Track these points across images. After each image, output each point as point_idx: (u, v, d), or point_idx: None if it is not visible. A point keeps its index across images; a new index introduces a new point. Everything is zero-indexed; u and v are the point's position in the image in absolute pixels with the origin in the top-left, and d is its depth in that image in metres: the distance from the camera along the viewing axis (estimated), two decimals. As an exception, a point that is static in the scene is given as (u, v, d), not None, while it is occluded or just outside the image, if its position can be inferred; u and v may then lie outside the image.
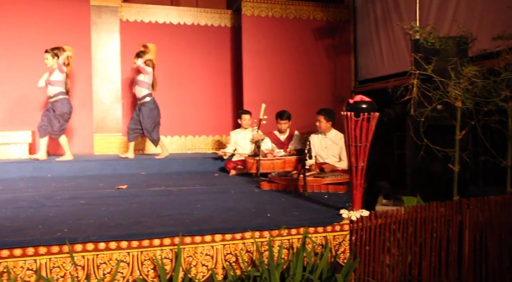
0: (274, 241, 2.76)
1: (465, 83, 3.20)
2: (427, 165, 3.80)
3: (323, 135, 4.93)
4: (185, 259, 2.64)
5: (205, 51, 7.43)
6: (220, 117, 7.51)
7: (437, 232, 3.01)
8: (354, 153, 2.93)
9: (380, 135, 4.06)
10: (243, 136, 5.77)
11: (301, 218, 2.97)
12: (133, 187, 4.45)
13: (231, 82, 7.60)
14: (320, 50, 7.43)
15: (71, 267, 2.48)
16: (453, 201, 3.09)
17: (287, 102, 6.73)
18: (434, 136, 3.59)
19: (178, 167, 5.90)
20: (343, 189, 3.98)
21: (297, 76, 7.25)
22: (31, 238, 2.47)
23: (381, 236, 2.91)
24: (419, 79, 3.46)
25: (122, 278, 2.55)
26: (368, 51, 7.12)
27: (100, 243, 2.51)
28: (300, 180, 3.95)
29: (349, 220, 2.91)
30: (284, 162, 4.86)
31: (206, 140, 7.42)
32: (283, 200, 3.65)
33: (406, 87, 3.58)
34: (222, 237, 2.70)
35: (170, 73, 7.25)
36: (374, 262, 2.89)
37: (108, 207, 3.40)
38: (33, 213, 3.18)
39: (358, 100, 2.95)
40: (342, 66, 7.51)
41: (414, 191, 3.70)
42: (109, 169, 5.66)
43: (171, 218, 2.99)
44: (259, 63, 7.06)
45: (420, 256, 2.98)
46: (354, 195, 2.97)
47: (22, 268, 2.41)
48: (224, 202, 3.58)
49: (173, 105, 7.25)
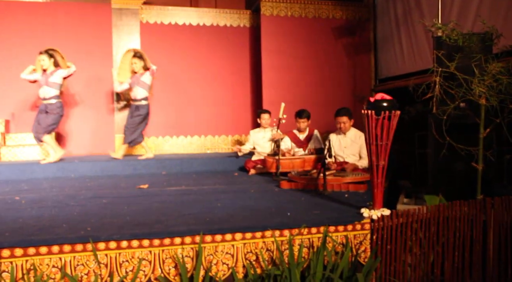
0: (294, 240, 2.76)
1: (489, 80, 3.13)
2: (449, 164, 3.74)
3: (343, 135, 4.90)
4: (206, 257, 2.66)
5: (224, 51, 7.46)
6: (240, 117, 7.53)
7: (460, 232, 2.96)
8: (375, 152, 2.90)
9: (401, 134, 4.01)
10: (263, 135, 5.78)
11: (322, 216, 2.96)
12: (154, 186, 4.50)
13: (251, 82, 7.62)
14: (339, 49, 7.38)
15: (95, 264, 2.52)
16: (477, 200, 3.03)
17: (307, 101, 6.71)
18: (456, 135, 3.52)
19: (198, 167, 5.94)
20: (364, 188, 3.95)
21: (317, 75, 7.22)
22: (56, 237, 2.53)
23: (403, 235, 2.88)
24: (441, 76, 3.41)
25: (144, 276, 2.58)
26: (389, 49, 7.05)
27: (123, 242, 2.55)
28: (320, 179, 3.93)
29: (370, 219, 2.89)
30: (304, 161, 4.84)
31: (225, 140, 7.45)
32: (303, 199, 3.64)
33: (428, 85, 3.53)
34: (243, 235, 2.71)
35: (190, 74, 7.31)
36: (395, 262, 2.86)
37: (130, 206, 3.44)
38: (58, 212, 3.25)
39: (378, 98, 2.93)
40: (362, 65, 7.45)
41: (436, 190, 3.64)
42: (129, 169, 5.73)
43: (192, 217, 3.01)
44: (278, 62, 7.06)
45: (443, 256, 2.93)
46: (375, 193, 2.94)
47: (47, 265, 2.47)
48: (244, 201, 3.59)
49: (192, 105, 7.31)
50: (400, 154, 5.91)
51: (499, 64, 3.19)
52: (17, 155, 6.02)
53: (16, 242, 2.45)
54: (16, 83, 6.11)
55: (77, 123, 6.77)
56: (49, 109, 5.57)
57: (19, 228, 2.75)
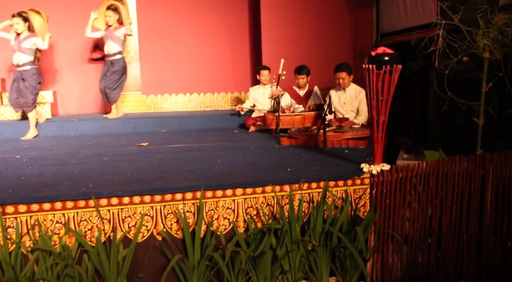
0: (294, 195, 2.79)
1: (494, 33, 3.06)
2: (450, 119, 3.73)
3: (342, 90, 4.85)
4: (207, 212, 2.70)
5: (222, 6, 7.25)
6: (239, 74, 7.43)
7: (459, 186, 2.98)
8: (375, 107, 2.87)
9: (402, 90, 3.96)
10: (262, 92, 5.73)
11: (321, 172, 2.98)
12: (154, 144, 4.50)
13: (250, 38, 7.46)
14: (340, 2, 7.16)
15: (98, 220, 2.56)
16: (476, 155, 3.04)
17: (307, 57, 6.57)
18: (458, 90, 3.48)
19: (197, 124, 5.92)
20: (364, 143, 3.95)
21: (317, 30, 7.05)
22: (59, 193, 2.55)
23: (402, 190, 2.91)
24: (444, 29, 3.32)
25: (146, 231, 2.63)
26: (391, 3, 6.84)
27: (124, 198, 2.58)
28: (320, 135, 3.93)
29: (369, 174, 2.91)
30: (304, 117, 4.82)
31: (225, 97, 7.39)
32: (303, 155, 3.65)
33: (430, 39, 3.45)
34: (243, 191, 2.73)
35: (187, 30, 7.14)
36: (394, 216, 2.90)
37: (131, 164, 3.46)
38: (59, 170, 3.27)
39: (380, 52, 2.87)
40: (363, 19, 7.25)
41: (436, 146, 3.65)
42: (129, 127, 5.72)
43: (192, 173, 3.03)
44: (278, 17, 6.87)
45: (441, 210, 2.98)
46: (375, 149, 2.94)
47: (51, 221, 2.51)
48: (244, 157, 3.60)
49: (190, 62, 7.19)
50: (401, 110, 5.88)
51: (505, 15, 3.10)
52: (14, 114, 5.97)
53: (19, 198, 2.48)
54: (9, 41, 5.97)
55: (74, 82, 6.70)
56: (25, 77, 5.14)
57: (21, 185, 2.77)
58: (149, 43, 6.92)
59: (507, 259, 3.06)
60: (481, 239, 3.04)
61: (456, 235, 3.00)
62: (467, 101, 3.35)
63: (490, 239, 3.04)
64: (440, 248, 2.99)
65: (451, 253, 3.00)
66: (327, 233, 2.73)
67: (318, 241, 2.74)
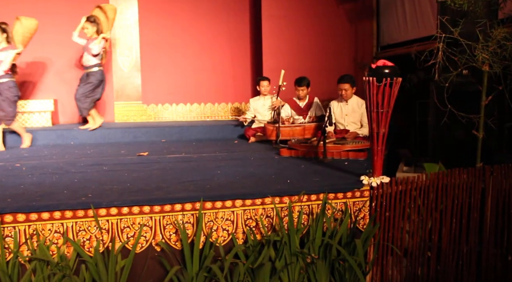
0: (294, 207, 2.78)
1: (493, 46, 3.07)
2: (450, 132, 3.72)
3: (344, 102, 4.86)
4: (206, 223, 2.69)
5: (224, 17, 7.31)
6: (240, 85, 7.46)
7: (459, 199, 2.98)
8: (375, 119, 2.88)
9: (402, 102, 3.98)
10: (263, 103, 5.74)
11: (321, 184, 2.97)
12: (154, 153, 4.50)
13: (251, 49, 7.50)
14: (341, 15, 7.23)
15: (96, 230, 2.55)
16: (476, 168, 3.04)
17: (307, 68, 6.61)
18: (458, 102, 3.49)
19: (198, 134, 5.93)
20: (364, 156, 3.95)
21: (318, 42, 7.10)
22: (58, 203, 2.55)
23: (402, 202, 2.90)
24: (444, 43, 3.34)
25: (145, 241, 2.62)
26: (391, 16, 6.90)
27: (124, 208, 2.58)
28: (320, 146, 3.94)
29: (369, 186, 2.90)
30: (304, 128, 4.83)
31: (225, 107, 7.41)
32: (303, 167, 3.65)
33: (430, 52, 3.47)
34: (243, 202, 2.73)
35: (189, 40, 7.18)
36: (394, 229, 2.89)
37: (130, 173, 3.46)
38: (58, 179, 3.26)
39: (380, 65, 2.88)
40: (363, 32, 7.31)
41: (436, 158, 3.65)
42: (130, 136, 5.73)
43: (192, 183, 3.03)
44: (279, 29, 6.92)
45: (441, 223, 2.97)
46: (375, 161, 2.94)
47: (50, 231, 2.50)
48: (244, 168, 3.60)
49: (191, 72, 7.22)
50: (401, 122, 5.89)
51: (504, 29, 3.12)
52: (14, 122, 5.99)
53: (18, 207, 2.47)
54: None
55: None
56: (1, 90, 4.95)
57: (21, 194, 2.77)
58: (150, 53, 6.97)
59: (507, 273, 3.05)
60: (481, 252, 3.02)
61: (456, 248, 2.99)
62: (467, 114, 3.35)
63: (490, 252, 3.03)
64: (440, 261, 2.97)
65: (451, 266, 2.99)
66: (327, 245, 2.72)
67: (317, 254, 2.73)
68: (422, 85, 4.78)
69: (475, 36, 3.26)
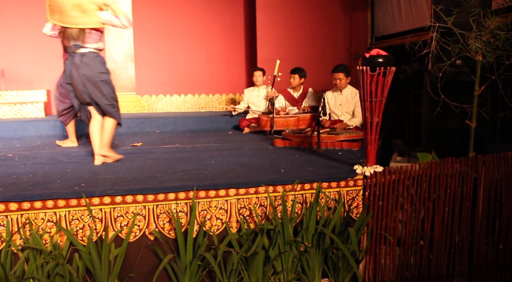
0: (287, 196, 2.79)
1: (487, 36, 3.08)
2: (443, 122, 3.74)
3: (339, 92, 4.86)
4: (200, 212, 2.69)
5: (218, 7, 7.27)
6: (234, 75, 7.44)
7: (451, 188, 2.99)
8: (369, 108, 2.88)
9: (396, 93, 3.98)
10: (257, 94, 5.73)
11: (315, 173, 2.98)
12: (148, 144, 4.49)
13: (245, 39, 7.48)
14: (336, 5, 7.21)
15: (89, 219, 2.54)
16: (469, 157, 3.05)
17: (302, 59, 6.61)
18: (451, 93, 3.50)
19: (192, 125, 5.92)
20: (357, 146, 3.96)
21: (312, 33, 7.09)
22: (50, 192, 2.53)
23: (395, 191, 2.92)
24: (438, 32, 3.34)
25: (138, 230, 2.62)
26: (386, 7, 6.88)
27: (117, 197, 2.57)
28: (314, 136, 3.94)
29: (362, 175, 2.91)
30: (298, 119, 4.83)
31: (219, 98, 7.39)
32: (297, 156, 3.65)
33: (424, 42, 3.47)
34: (236, 191, 2.73)
35: (182, 31, 7.14)
36: (387, 218, 2.91)
37: (124, 163, 3.45)
38: (51, 169, 3.25)
39: (374, 54, 2.88)
40: (358, 23, 7.30)
41: (429, 148, 3.66)
42: (123, 127, 5.62)
43: (185, 173, 3.02)
44: (273, 19, 6.89)
45: (433, 212, 2.99)
46: (368, 150, 2.95)
47: (43, 219, 2.49)
48: (238, 158, 3.60)
49: (185, 63, 7.20)
50: (395, 113, 5.90)
51: (497, 19, 3.12)
52: (7, 113, 5.95)
53: (10, 196, 2.45)
54: (7, 38, 5.96)
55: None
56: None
57: (13, 183, 2.75)
58: (144, 44, 6.93)
59: (498, 261, 3.08)
60: (473, 241, 3.05)
61: (448, 237, 3.01)
62: (460, 104, 3.37)
63: (482, 241, 3.06)
64: (432, 250, 2.99)
65: (443, 254, 3.01)
66: (320, 234, 2.73)
67: (311, 242, 2.74)
68: (416, 76, 4.78)
69: (468, 25, 3.26)
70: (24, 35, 5.59)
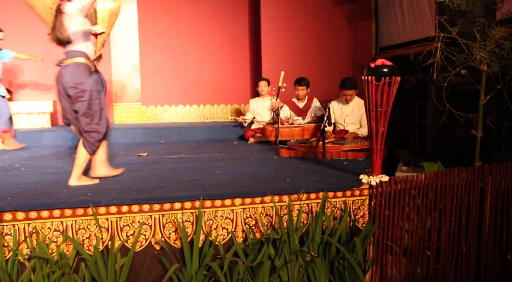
0: (293, 205, 2.78)
1: (491, 46, 3.09)
2: (448, 132, 3.73)
3: (345, 103, 4.87)
4: (206, 222, 2.69)
5: (223, 18, 7.32)
6: (239, 86, 7.47)
7: (458, 198, 2.98)
8: (374, 118, 2.89)
9: (401, 103, 3.99)
10: (262, 104, 5.76)
11: (320, 183, 2.98)
12: (153, 154, 4.51)
13: (250, 50, 7.52)
14: (340, 16, 7.25)
15: (96, 228, 2.55)
16: (475, 167, 3.04)
17: (307, 69, 6.63)
18: (456, 102, 3.50)
19: (197, 135, 5.94)
20: (363, 155, 3.96)
21: (317, 43, 7.12)
22: (57, 201, 2.55)
23: (401, 201, 2.91)
24: (443, 42, 3.36)
25: (144, 240, 2.62)
26: (390, 17, 6.92)
27: (123, 206, 2.58)
28: (319, 146, 3.94)
29: (368, 185, 2.91)
30: (303, 129, 4.84)
31: (224, 109, 7.42)
32: (302, 166, 3.66)
33: (429, 52, 3.48)
34: (242, 201, 2.73)
35: (188, 41, 7.20)
36: (393, 228, 2.90)
37: (130, 173, 3.46)
38: (58, 178, 3.27)
39: (379, 64, 2.89)
40: (362, 33, 7.34)
41: (435, 158, 3.65)
42: (129, 137, 5.74)
43: (191, 183, 3.03)
44: (278, 29, 6.94)
45: (440, 222, 2.97)
46: (374, 160, 2.95)
47: (49, 229, 2.50)
48: (243, 168, 3.60)
49: (191, 73, 7.24)
50: (400, 123, 5.90)
51: (502, 28, 3.14)
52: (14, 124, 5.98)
53: (17, 206, 2.47)
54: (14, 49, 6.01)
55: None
56: None
57: (20, 193, 2.77)
58: (150, 55, 6.99)
59: (506, 272, 3.05)
60: (480, 251, 3.03)
61: (455, 247, 2.99)
62: (465, 114, 3.37)
63: (489, 251, 3.04)
64: (439, 260, 2.97)
65: (450, 265, 2.99)
66: (326, 243, 2.73)
67: (317, 252, 2.73)
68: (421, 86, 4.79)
69: (473, 36, 3.27)
70: (29, 46, 5.65)
